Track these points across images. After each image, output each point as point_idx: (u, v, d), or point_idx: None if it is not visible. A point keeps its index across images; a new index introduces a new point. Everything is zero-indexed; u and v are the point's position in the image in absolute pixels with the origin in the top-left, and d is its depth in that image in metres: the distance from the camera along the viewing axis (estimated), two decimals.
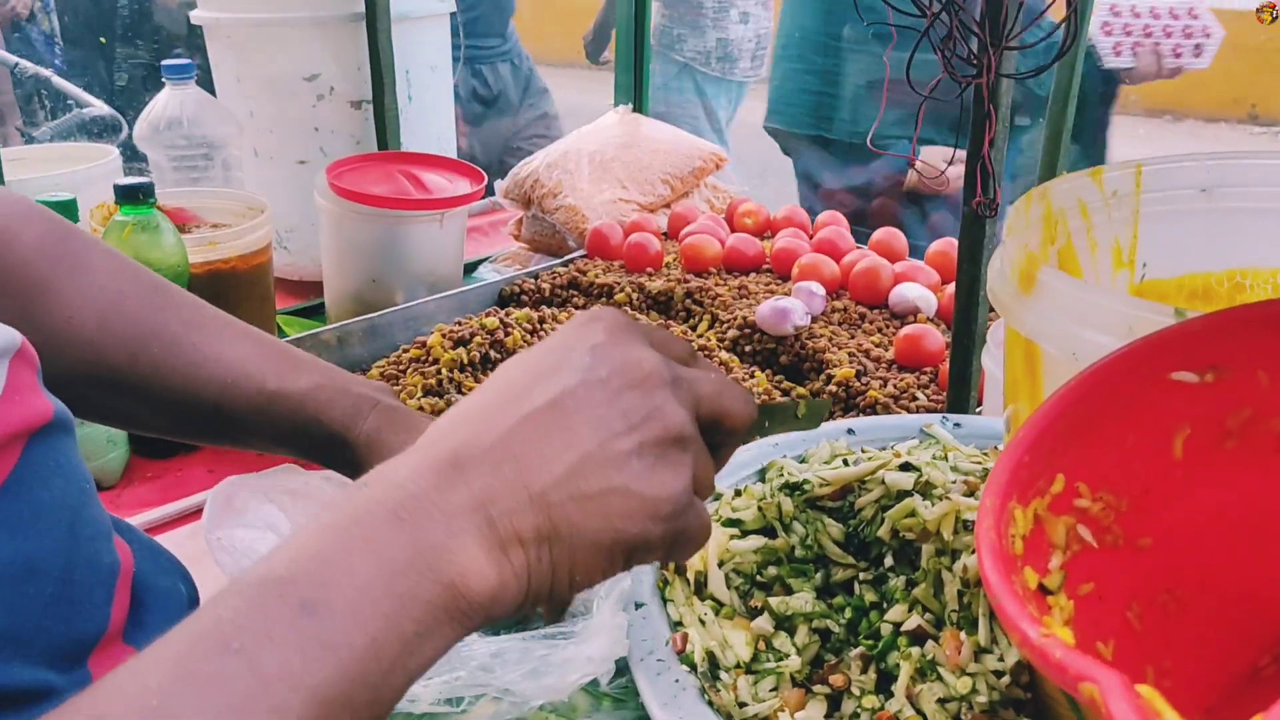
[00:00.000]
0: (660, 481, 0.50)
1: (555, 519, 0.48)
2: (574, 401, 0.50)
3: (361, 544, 0.45)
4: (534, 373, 0.51)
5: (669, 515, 0.51)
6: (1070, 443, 0.49)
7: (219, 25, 1.63)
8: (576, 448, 0.49)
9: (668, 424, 0.51)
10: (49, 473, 0.58)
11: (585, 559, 0.49)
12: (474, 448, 0.48)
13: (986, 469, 0.81)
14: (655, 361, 0.52)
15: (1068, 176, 0.73)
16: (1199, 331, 0.49)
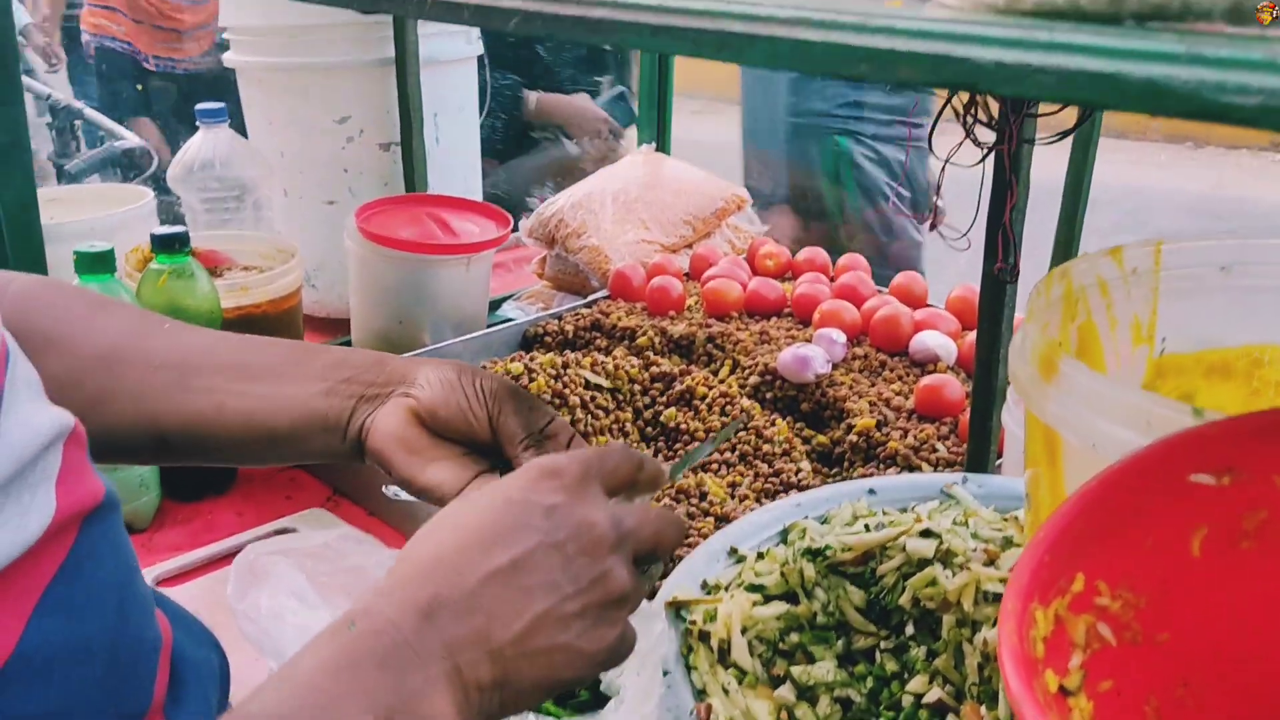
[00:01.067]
0: (599, 637, 0.59)
1: (508, 670, 0.56)
2: (532, 564, 0.57)
3: (353, 689, 0.52)
4: (497, 527, 0.58)
5: (602, 664, 0.60)
6: (1090, 542, 0.50)
7: (251, 69, 1.67)
8: (531, 609, 0.56)
9: (610, 588, 0.59)
10: (102, 553, 0.60)
11: (526, 699, 0.58)
12: (446, 599, 0.55)
13: (1007, 536, 0.82)
14: (605, 525, 0.60)
15: (1087, 256, 0.74)
16: (1216, 436, 0.50)
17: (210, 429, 0.74)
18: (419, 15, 0.64)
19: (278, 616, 0.77)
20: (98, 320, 0.76)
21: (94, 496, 0.61)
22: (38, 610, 0.54)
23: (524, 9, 0.58)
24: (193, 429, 0.74)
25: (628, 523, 0.62)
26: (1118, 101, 0.39)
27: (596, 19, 0.55)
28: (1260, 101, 0.36)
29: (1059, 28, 0.41)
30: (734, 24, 0.49)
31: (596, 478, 0.62)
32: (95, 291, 0.82)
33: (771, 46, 0.48)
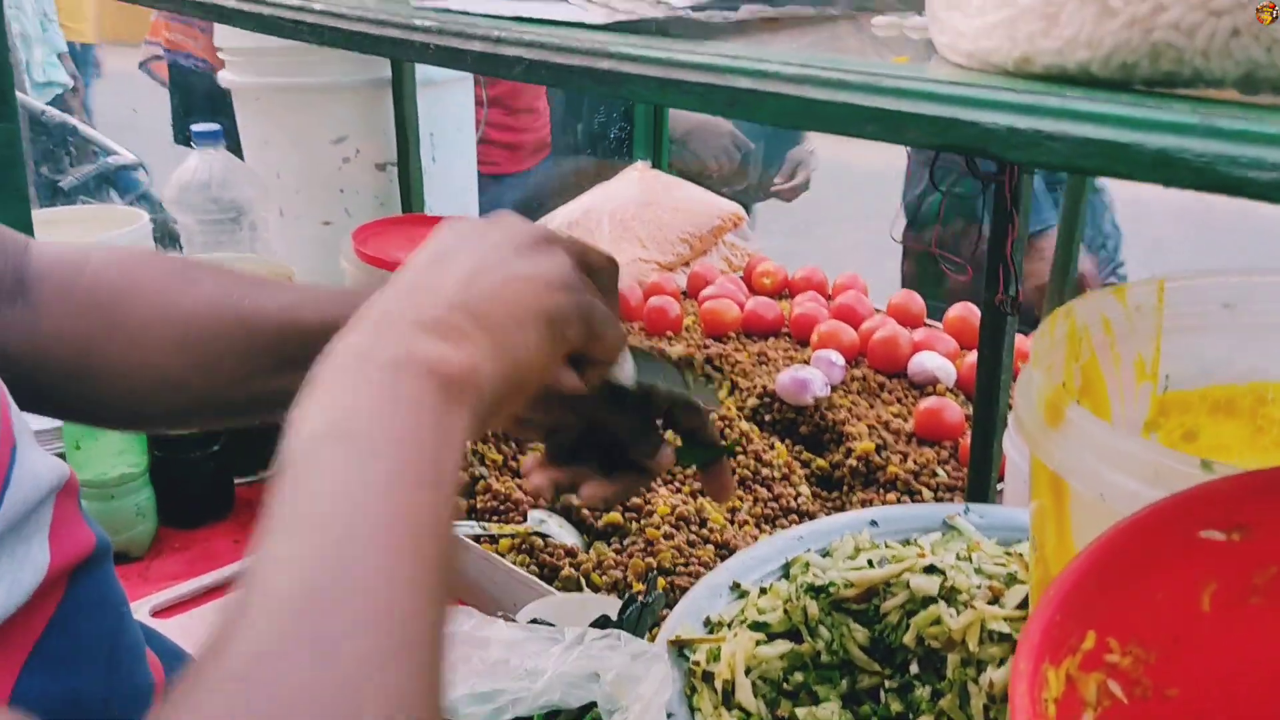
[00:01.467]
0: (540, 262, 0.59)
1: (474, 311, 0.55)
2: (454, 244, 0.59)
3: (352, 382, 0.51)
4: (418, 252, 0.60)
5: (562, 284, 0.59)
6: (1101, 598, 0.50)
7: (247, 89, 1.66)
8: (465, 264, 0.58)
9: (530, 230, 0.61)
10: (91, 604, 0.60)
11: (517, 333, 0.57)
12: (385, 301, 0.56)
13: (1011, 573, 0.82)
14: (512, 214, 0.63)
15: (1091, 295, 0.74)
16: (1226, 491, 0.50)
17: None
18: (420, 59, 0.64)
19: None
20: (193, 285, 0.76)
21: (85, 547, 0.61)
22: (27, 666, 0.54)
23: (529, 58, 0.58)
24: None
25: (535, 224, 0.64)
26: (1130, 172, 0.39)
27: (603, 70, 0.55)
28: (1275, 177, 0.35)
29: (1071, 93, 0.41)
30: (742, 80, 0.49)
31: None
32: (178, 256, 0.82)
33: (779, 104, 0.48)
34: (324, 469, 0.47)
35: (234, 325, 0.74)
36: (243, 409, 0.77)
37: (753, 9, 0.58)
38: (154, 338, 0.73)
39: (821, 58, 0.48)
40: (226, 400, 0.75)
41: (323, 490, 0.46)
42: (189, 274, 0.77)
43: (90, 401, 0.74)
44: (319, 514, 0.45)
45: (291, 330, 0.73)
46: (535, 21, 0.61)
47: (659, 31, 0.56)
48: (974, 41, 0.45)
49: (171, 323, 0.74)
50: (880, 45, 0.55)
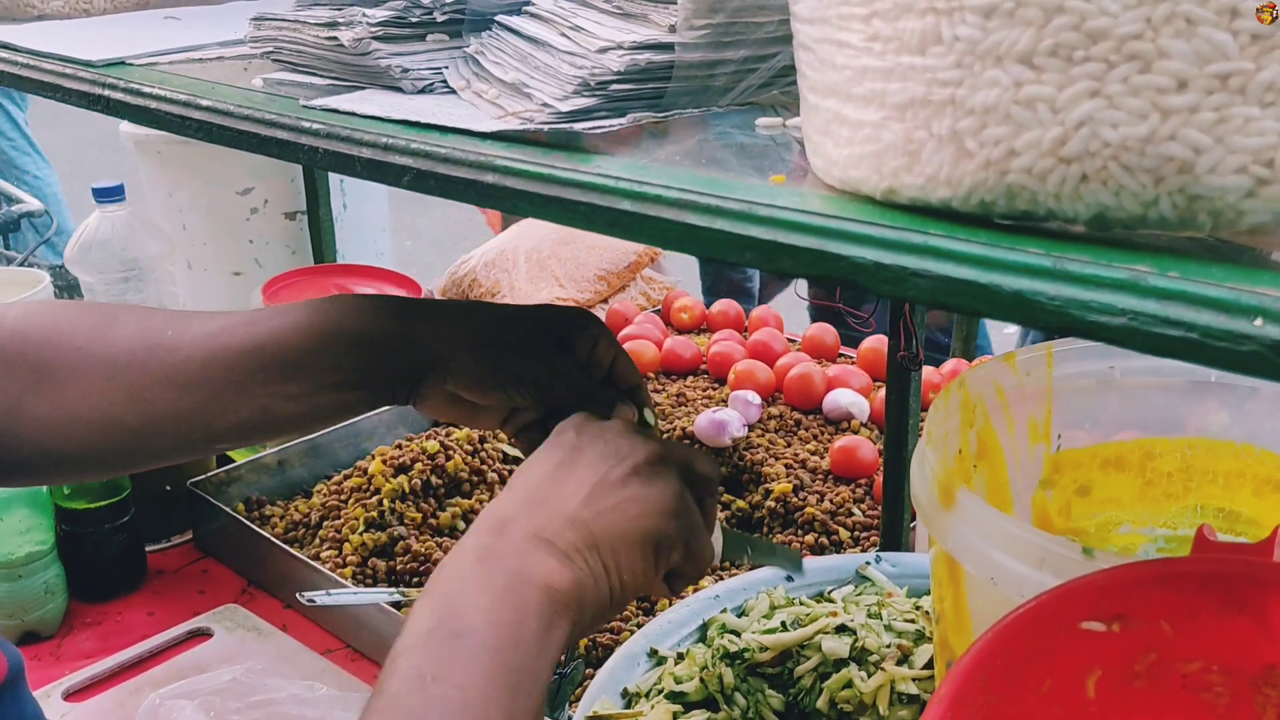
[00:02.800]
0: (658, 488, 0.65)
1: (593, 529, 0.61)
2: (575, 455, 0.65)
3: (469, 587, 0.58)
4: (541, 455, 0.66)
5: (674, 511, 0.65)
6: (990, 692, 0.51)
7: (149, 141, 1.63)
8: (588, 480, 0.63)
9: (649, 451, 0.66)
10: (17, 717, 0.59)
11: (626, 556, 0.63)
12: (512, 506, 0.62)
13: (919, 629, 0.84)
14: (625, 426, 0.68)
15: (983, 363, 0.76)
16: (1106, 584, 0.52)
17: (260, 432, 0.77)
18: (309, 163, 0.63)
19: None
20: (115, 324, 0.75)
21: (2, 671, 0.60)
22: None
23: (416, 167, 0.58)
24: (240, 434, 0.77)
25: (650, 434, 0.69)
26: (990, 311, 0.40)
27: (489, 184, 0.55)
28: (1124, 323, 0.37)
29: (934, 230, 0.42)
30: (624, 202, 0.50)
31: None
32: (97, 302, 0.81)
33: (660, 228, 0.49)
34: (445, 660, 0.54)
35: (161, 357, 0.73)
36: (179, 443, 0.76)
37: (638, 116, 0.59)
38: (82, 382, 0.72)
39: (702, 179, 0.49)
40: (168, 436, 0.74)
41: (440, 678, 0.53)
42: (111, 314, 0.76)
43: (23, 459, 0.73)
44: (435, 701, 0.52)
45: (224, 354, 0.73)
46: (422, 127, 0.61)
47: (545, 144, 0.57)
48: (844, 170, 0.46)
49: (97, 363, 0.73)
50: (763, 155, 0.56)
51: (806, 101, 0.50)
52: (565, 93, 0.61)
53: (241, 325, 0.74)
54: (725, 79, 0.63)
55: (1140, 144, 0.38)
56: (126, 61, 0.81)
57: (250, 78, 0.77)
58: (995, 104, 0.40)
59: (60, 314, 0.76)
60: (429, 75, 0.71)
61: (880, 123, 0.44)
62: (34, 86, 0.84)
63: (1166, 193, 0.38)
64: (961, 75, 0.40)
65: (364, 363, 0.74)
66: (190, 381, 0.72)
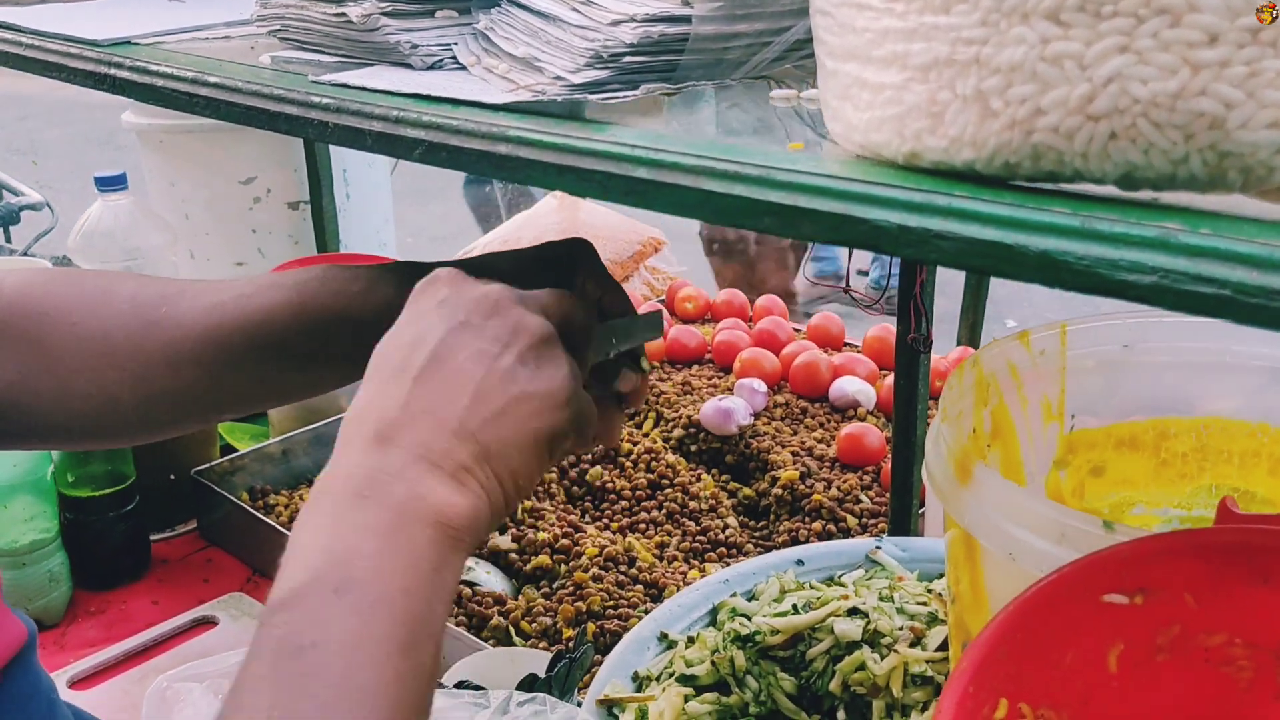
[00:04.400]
0: (548, 377, 0.58)
1: (482, 440, 0.55)
2: (449, 349, 0.57)
3: (351, 529, 0.51)
4: (404, 344, 0.58)
5: (566, 401, 0.59)
6: (1011, 666, 0.51)
7: (151, 131, 1.62)
8: (470, 380, 0.56)
9: (532, 331, 0.58)
10: (24, 696, 0.59)
11: (519, 462, 0.56)
12: (387, 420, 0.54)
13: (931, 611, 0.83)
14: (499, 290, 0.60)
15: (997, 342, 0.76)
16: (1128, 556, 0.51)
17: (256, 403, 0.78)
18: (319, 138, 0.63)
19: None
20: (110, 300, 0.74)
21: (18, 639, 0.60)
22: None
23: (428, 140, 0.57)
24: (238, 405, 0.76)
25: (523, 293, 0.61)
26: (1016, 272, 0.39)
27: (501, 155, 0.54)
28: (1156, 281, 0.36)
29: (958, 191, 0.41)
30: (640, 169, 0.49)
31: (471, 273, 0.62)
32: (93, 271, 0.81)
33: (677, 195, 0.48)
34: (324, 620, 0.48)
35: (156, 336, 0.72)
36: (180, 417, 0.76)
37: (651, 87, 0.58)
38: (78, 361, 0.72)
39: (719, 146, 0.49)
40: (164, 410, 0.74)
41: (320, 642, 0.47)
42: (106, 288, 0.75)
43: (28, 428, 0.73)
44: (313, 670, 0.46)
45: (217, 332, 0.72)
46: (434, 100, 0.60)
47: (557, 114, 0.56)
48: (865, 134, 0.45)
49: (93, 341, 0.72)
50: (780, 125, 0.55)
51: (824, 67, 0.49)
52: (577, 65, 0.60)
53: (233, 302, 0.73)
54: (739, 52, 0.63)
55: (1170, 100, 0.37)
56: (132, 41, 0.80)
57: (257, 56, 0.77)
58: (1021, 62, 0.39)
59: (56, 287, 0.75)
60: (438, 51, 0.70)
61: (902, 85, 0.43)
62: (39, 67, 0.83)
63: (1197, 149, 0.37)
64: (987, 33, 0.40)
65: (356, 336, 0.71)
66: (186, 360, 0.72)
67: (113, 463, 1.22)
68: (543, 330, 0.59)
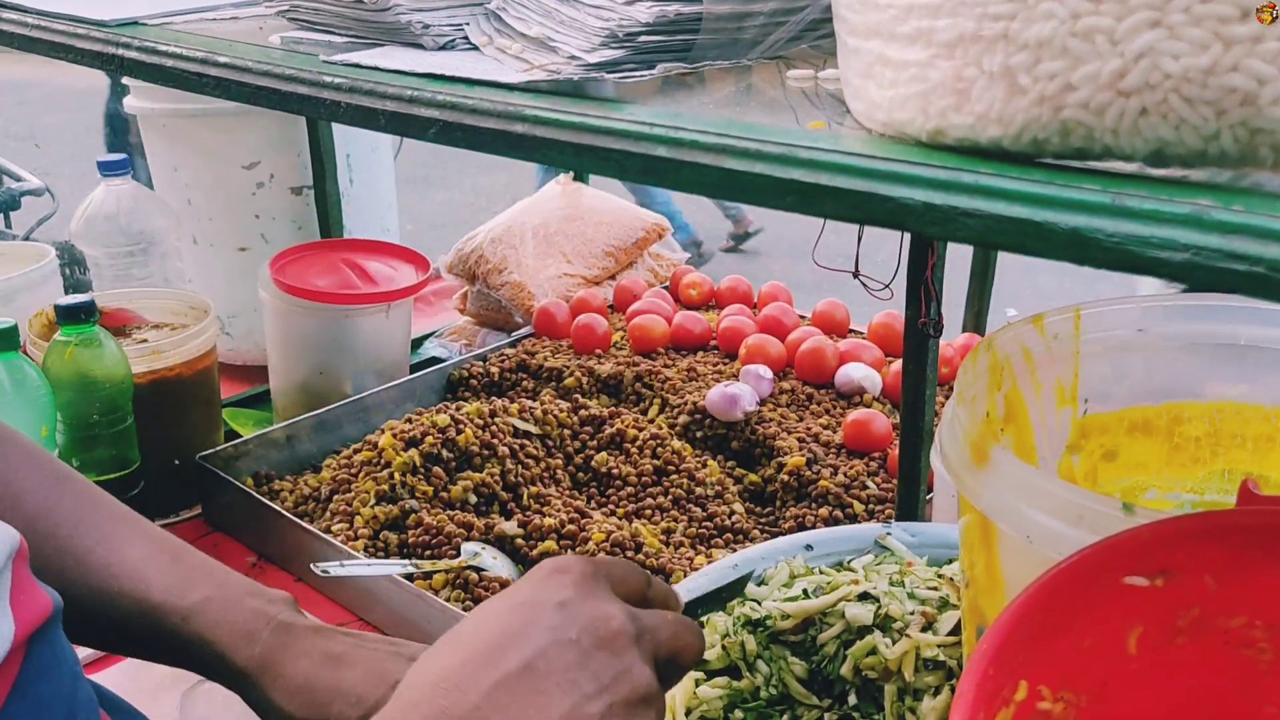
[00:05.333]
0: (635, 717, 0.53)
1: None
2: (546, 664, 0.52)
3: None
4: (504, 632, 0.53)
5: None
6: (1031, 648, 0.50)
7: (154, 115, 1.62)
8: (549, 713, 0.51)
9: (635, 685, 0.53)
10: (49, 665, 0.58)
11: None
12: (458, 705, 0.50)
13: (942, 596, 0.83)
14: (622, 618, 0.55)
15: (1010, 326, 0.75)
16: (1148, 538, 0.51)
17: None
18: (331, 118, 0.62)
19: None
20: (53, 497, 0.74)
21: (44, 610, 0.60)
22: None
23: (443, 119, 0.57)
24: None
25: (645, 619, 0.57)
26: (1045, 250, 0.39)
27: (518, 134, 0.54)
28: (1188, 258, 0.36)
29: (984, 169, 0.41)
30: (659, 148, 0.49)
31: (605, 576, 0.57)
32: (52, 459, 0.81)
33: (697, 174, 0.48)
34: None
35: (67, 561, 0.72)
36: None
37: (668, 66, 0.58)
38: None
39: (739, 124, 0.48)
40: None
41: None
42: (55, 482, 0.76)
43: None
44: None
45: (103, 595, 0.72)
46: (448, 80, 0.60)
47: (574, 93, 0.55)
48: (888, 112, 0.45)
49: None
50: (797, 104, 0.55)
51: (846, 45, 0.49)
52: (592, 45, 0.59)
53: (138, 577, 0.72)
54: (754, 31, 0.62)
55: (1202, 75, 0.37)
56: (140, 21, 0.80)
57: (266, 37, 0.76)
58: (1051, 37, 0.39)
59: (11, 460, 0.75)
60: (450, 31, 0.70)
61: (927, 62, 0.43)
62: (44, 48, 0.83)
63: (1228, 125, 0.37)
64: (1015, 8, 0.39)
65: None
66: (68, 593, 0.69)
67: (118, 448, 1.22)
68: (647, 689, 0.54)
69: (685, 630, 0.59)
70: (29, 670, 0.55)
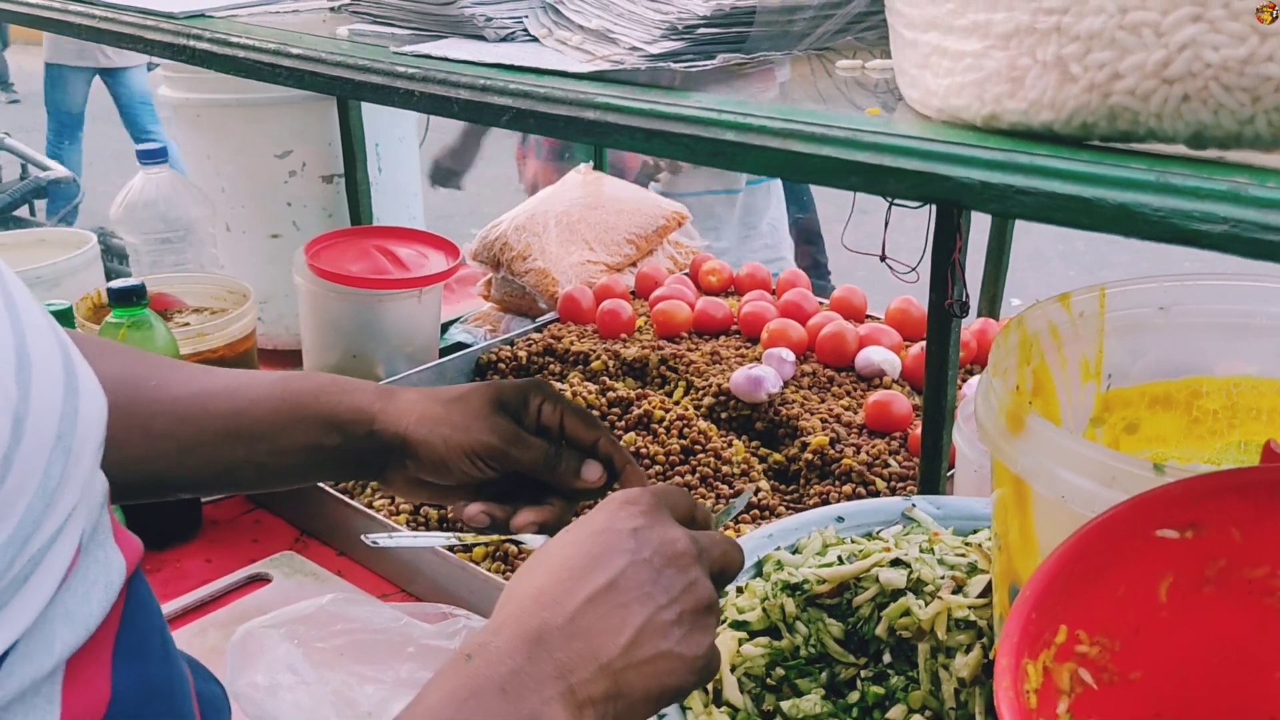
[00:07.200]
0: (697, 642, 0.62)
1: (619, 682, 0.59)
2: (626, 581, 0.61)
3: (477, 716, 0.55)
4: (590, 554, 0.62)
5: (703, 670, 0.63)
6: (1069, 595, 0.54)
7: (188, 104, 1.65)
8: (632, 622, 0.60)
9: (699, 596, 0.63)
10: (144, 600, 0.63)
11: (638, 710, 0.61)
12: (551, 626, 0.59)
13: (971, 562, 0.87)
14: (685, 540, 0.64)
15: (1039, 304, 0.79)
16: (1179, 494, 0.55)
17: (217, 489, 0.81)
18: (405, 106, 0.66)
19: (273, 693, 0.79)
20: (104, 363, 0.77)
21: (138, 550, 0.64)
22: (114, 660, 0.57)
23: (516, 107, 0.61)
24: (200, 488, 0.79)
25: (701, 540, 0.66)
26: (1094, 224, 0.43)
27: (590, 120, 0.58)
28: (1227, 230, 0.40)
29: (1037, 150, 0.45)
30: (728, 133, 0.53)
31: (666, 505, 0.66)
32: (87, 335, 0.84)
33: (765, 156, 0.51)
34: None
35: (141, 406, 0.76)
36: (144, 489, 0.79)
37: (726, 57, 0.62)
38: None
39: (802, 110, 0.52)
40: (128, 479, 0.76)
41: None
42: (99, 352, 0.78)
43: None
44: None
45: (199, 417, 0.76)
46: (518, 70, 0.63)
47: (640, 82, 0.59)
48: (944, 99, 0.49)
49: None
50: (850, 92, 0.59)
51: (901, 37, 0.53)
52: (653, 36, 0.63)
53: (221, 393, 0.77)
54: (804, 24, 0.66)
55: (1240, 65, 0.41)
56: (206, 14, 0.84)
57: (329, 30, 0.80)
58: (1101, 30, 0.42)
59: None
60: (510, 24, 0.73)
61: (983, 52, 0.47)
62: (113, 38, 0.87)
63: (1263, 110, 0.41)
64: (1068, 4, 0.43)
65: (327, 444, 0.77)
66: (163, 432, 0.76)
67: None
68: (709, 599, 0.64)
69: (732, 549, 0.69)
70: (132, 604, 0.59)
